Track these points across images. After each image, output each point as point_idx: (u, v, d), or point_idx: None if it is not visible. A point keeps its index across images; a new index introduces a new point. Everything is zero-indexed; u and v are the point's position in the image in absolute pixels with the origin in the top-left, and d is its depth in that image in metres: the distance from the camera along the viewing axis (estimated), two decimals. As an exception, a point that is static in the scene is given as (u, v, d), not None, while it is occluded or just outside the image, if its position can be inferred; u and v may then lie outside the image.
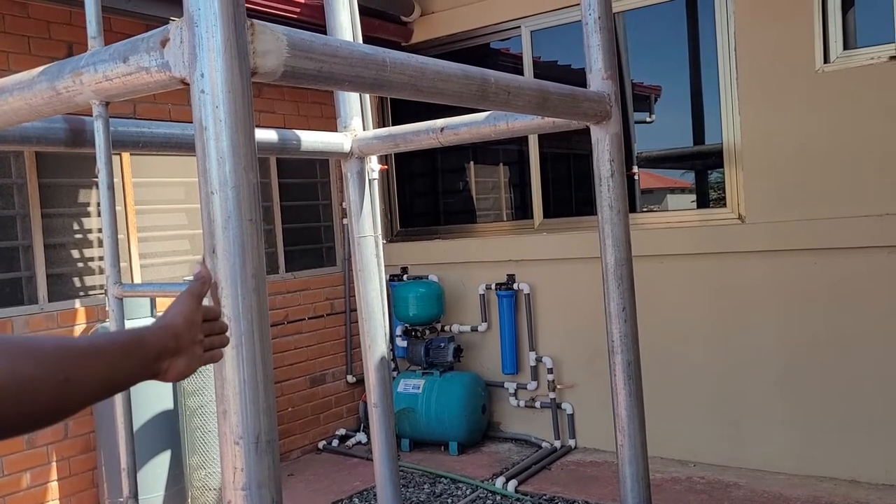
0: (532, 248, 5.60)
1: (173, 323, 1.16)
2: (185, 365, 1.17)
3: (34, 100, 1.81)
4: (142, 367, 1.10)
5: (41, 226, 4.34)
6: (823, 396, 4.56)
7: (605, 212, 2.64)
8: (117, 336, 1.11)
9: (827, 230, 4.43)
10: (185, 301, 1.21)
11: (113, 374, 1.04)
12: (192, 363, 1.18)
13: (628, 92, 5.34)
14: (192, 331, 1.18)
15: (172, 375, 1.16)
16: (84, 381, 0.99)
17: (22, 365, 0.91)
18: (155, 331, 1.14)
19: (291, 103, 5.79)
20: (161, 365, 1.13)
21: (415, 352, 5.81)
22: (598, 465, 5.15)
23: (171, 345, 1.14)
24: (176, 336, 1.15)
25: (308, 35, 1.57)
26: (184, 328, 1.16)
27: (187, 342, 1.17)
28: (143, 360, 1.10)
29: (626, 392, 2.68)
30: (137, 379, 1.10)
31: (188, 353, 1.17)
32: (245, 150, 1.41)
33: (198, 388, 4.45)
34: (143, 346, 1.10)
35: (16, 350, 0.93)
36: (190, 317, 1.18)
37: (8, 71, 4.04)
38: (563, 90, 2.35)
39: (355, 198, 3.34)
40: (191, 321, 1.18)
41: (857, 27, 4.44)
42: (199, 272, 1.30)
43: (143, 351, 1.10)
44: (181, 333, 1.16)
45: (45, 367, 0.94)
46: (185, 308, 1.19)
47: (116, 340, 1.10)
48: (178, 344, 1.15)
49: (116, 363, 1.05)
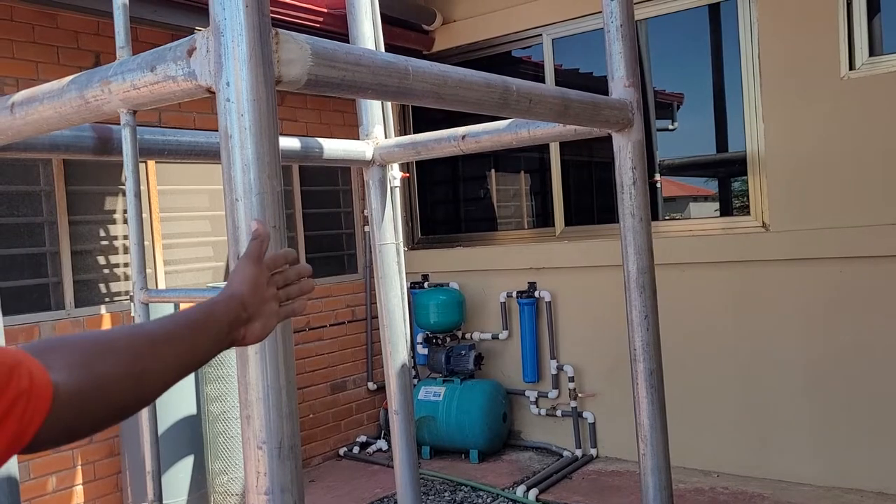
0: (553, 255, 5.58)
1: (238, 291, 1.15)
2: (261, 328, 1.16)
3: (63, 108, 1.85)
4: (216, 340, 1.10)
5: (68, 232, 4.41)
6: (849, 407, 4.50)
7: (628, 220, 2.63)
8: (188, 315, 1.09)
9: (853, 238, 4.38)
10: (244, 265, 1.19)
11: (188, 354, 1.05)
12: (268, 322, 1.17)
13: (650, 99, 5.32)
14: (258, 294, 1.16)
15: (251, 340, 1.15)
16: (160, 369, 1.00)
17: (98, 364, 0.91)
18: (222, 302, 1.13)
19: (314, 111, 5.83)
20: (236, 334, 1.13)
21: (435, 359, 5.81)
22: (619, 474, 5.11)
23: (242, 314, 1.13)
24: (243, 304, 1.14)
25: (331, 44, 1.59)
26: (249, 293, 1.15)
27: (256, 306, 1.16)
28: (216, 334, 1.10)
29: (649, 401, 2.66)
30: (214, 353, 1.10)
31: (262, 316, 1.16)
32: (269, 157, 1.42)
33: (221, 394, 4.49)
34: (215, 320, 1.10)
35: (90, 349, 0.93)
36: (253, 280, 1.17)
37: (37, 80, 4.12)
38: (584, 98, 2.35)
39: (377, 205, 3.36)
40: (254, 284, 1.16)
41: (884, 33, 4.39)
42: (256, 230, 1.27)
43: (215, 325, 1.10)
44: (248, 300, 1.15)
45: (120, 364, 0.94)
46: (246, 272, 1.18)
47: (187, 321, 1.08)
48: (248, 311, 1.14)
49: (190, 344, 1.05)
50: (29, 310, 4.22)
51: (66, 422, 0.86)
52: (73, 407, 0.86)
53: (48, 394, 0.83)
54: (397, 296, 3.39)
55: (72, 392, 0.86)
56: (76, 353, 0.91)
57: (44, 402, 0.82)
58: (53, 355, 0.88)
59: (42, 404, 0.82)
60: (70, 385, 0.86)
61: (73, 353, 0.90)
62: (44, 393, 0.82)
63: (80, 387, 0.88)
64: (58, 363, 0.87)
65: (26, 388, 0.80)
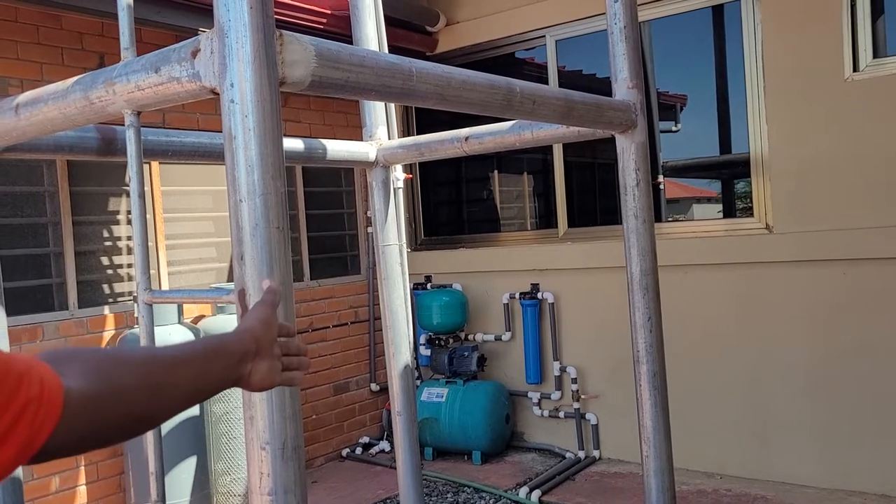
0: (556, 257, 5.58)
1: (251, 326, 1.17)
2: (266, 369, 1.17)
3: (68, 109, 1.85)
4: (226, 371, 1.11)
5: (72, 233, 4.42)
6: (853, 409, 4.49)
7: (631, 221, 2.63)
8: (202, 342, 1.13)
9: (857, 240, 4.37)
10: (259, 308, 1.22)
11: (200, 380, 1.06)
12: (272, 372, 1.19)
13: (654, 101, 5.32)
14: (270, 333, 1.19)
15: (256, 380, 1.16)
16: (174, 389, 1.01)
17: (116, 376, 0.92)
18: (235, 335, 1.16)
19: (317, 112, 5.83)
20: (244, 368, 1.14)
21: (438, 360, 5.81)
22: (622, 476, 5.11)
23: (252, 347, 1.15)
24: (255, 339, 1.16)
25: (335, 45, 1.59)
26: (262, 330, 1.17)
27: (267, 345, 1.18)
28: (226, 365, 1.11)
29: (652, 403, 2.66)
30: (223, 384, 1.12)
31: (269, 358, 1.18)
32: (273, 158, 1.42)
33: (223, 394, 4.49)
34: (226, 350, 1.12)
35: (107, 361, 0.94)
36: (267, 319, 1.20)
37: (41, 81, 4.13)
38: (588, 99, 2.35)
39: (380, 206, 3.36)
40: (267, 324, 1.19)
41: (888, 35, 4.38)
42: (270, 286, 1.32)
43: (225, 355, 1.11)
44: (260, 336, 1.17)
45: (136, 377, 0.95)
46: (260, 313, 1.21)
47: (202, 347, 1.11)
48: (259, 346, 1.16)
49: (203, 370, 1.07)
50: (32, 310, 4.22)
51: (79, 430, 0.85)
52: (85, 414, 0.86)
53: (59, 400, 0.82)
54: (400, 297, 3.39)
55: (85, 398, 0.86)
56: (91, 361, 0.91)
57: (55, 409, 0.81)
58: (67, 363, 0.88)
59: (53, 411, 0.81)
60: (83, 391, 0.86)
61: (87, 362, 0.91)
62: (55, 399, 0.82)
63: (94, 393, 0.87)
64: (71, 370, 0.86)
65: (37, 395, 0.79)
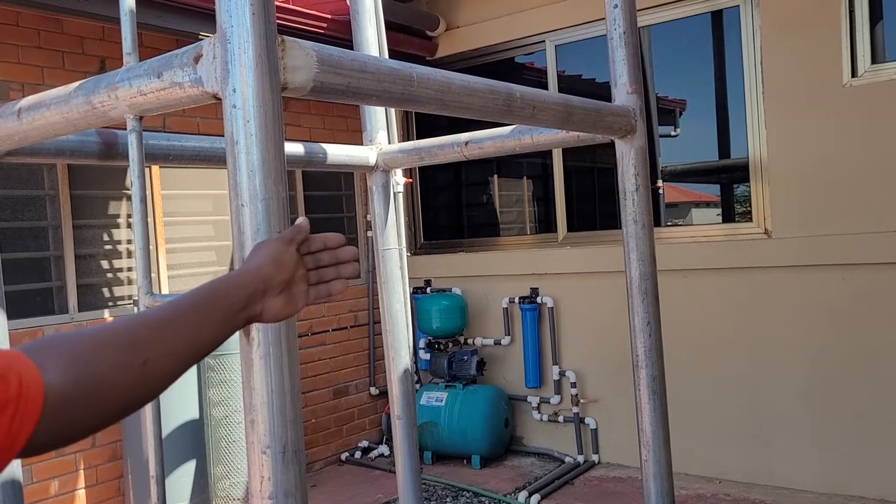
0: (556, 261, 5.59)
1: (258, 265, 1.11)
2: (282, 304, 1.11)
3: (70, 114, 1.86)
4: (229, 318, 1.04)
5: (72, 237, 4.42)
6: (852, 413, 4.49)
7: (630, 226, 2.64)
8: (196, 295, 1.03)
9: (855, 245, 4.38)
10: (273, 243, 1.15)
11: (197, 339, 0.99)
12: (292, 302, 1.13)
13: (653, 106, 5.33)
14: (282, 271, 1.12)
15: (270, 316, 1.10)
16: (166, 356, 0.94)
17: (95, 361, 0.86)
18: (237, 276, 1.08)
19: (317, 117, 5.85)
20: (252, 310, 1.08)
21: (438, 365, 5.81)
22: (621, 480, 5.11)
23: (259, 287, 1.08)
24: (262, 278, 1.09)
25: (337, 51, 1.60)
26: (271, 268, 1.11)
27: (279, 281, 1.11)
28: (228, 313, 1.04)
29: (651, 407, 2.66)
30: (228, 333, 1.04)
31: (285, 293, 1.12)
32: (275, 163, 1.43)
33: (223, 398, 4.50)
34: (227, 296, 1.05)
35: (86, 345, 0.88)
36: (278, 257, 1.13)
37: (42, 85, 4.14)
38: (587, 104, 2.36)
39: (380, 210, 3.37)
40: (278, 261, 1.12)
41: (886, 41, 4.40)
42: (300, 221, 1.24)
43: (227, 302, 1.04)
44: (267, 275, 1.10)
45: (120, 357, 0.89)
46: (272, 249, 1.14)
47: (192, 301, 1.02)
48: (267, 285, 1.10)
49: (199, 326, 0.99)
50: (33, 313, 4.23)
51: (61, 424, 0.81)
52: (66, 409, 0.81)
53: (39, 398, 0.78)
54: (400, 301, 3.40)
55: (65, 393, 0.81)
56: (71, 351, 0.85)
57: (34, 407, 0.77)
58: (47, 354, 0.83)
59: (32, 409, 0.77)
60: (63, 386, 0.81)
61: (68, 352, 0.85)
62: (34, 397, 0.78)
63: (73, 387, 0.82)
64: (51, 363, 0.81)
65: (14, 395, 0.76)
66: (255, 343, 1.42)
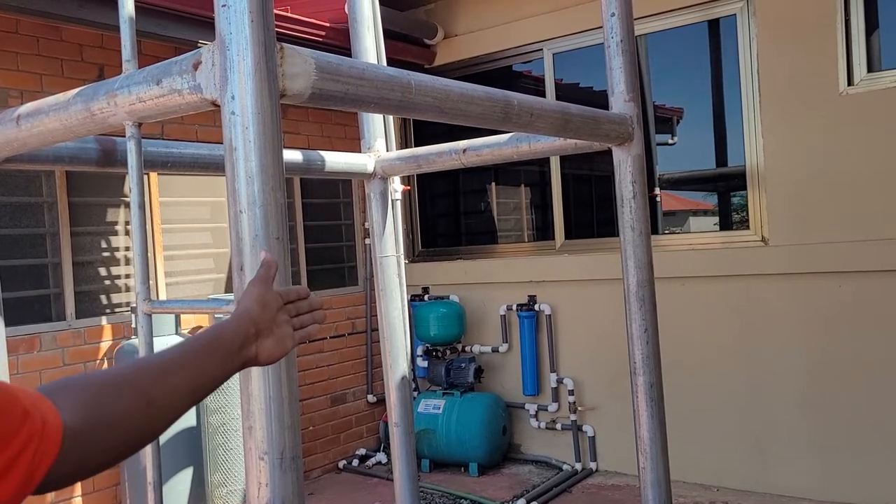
0: (553, 269, 5.59)
1: (247, 308, 1.17)
2: (274, 344, 1.17)
3: (69, 120, 1.86)
4: (227, 361, 1.11)
5: (70, 244, 4.42)
6: (849, 421, 4.49)
7: (628, 233, 2.65)
8: (195, 340, 1.11)
9: (852, 253, 4.39)
10: (254, 287, 1.21)
11: (197, 380, 1.05)
12: (282, 342, 1.19)
13: (650, 114, 5.35)
14: (268, 311, 1.18)
15: (265, 358, 1.16)
16: (168, 397, 1.00)
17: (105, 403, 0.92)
18: (230, 322, 1.15)
19: (315, 124, 5.86)
20: (248, 352, 1.14)
21: (435, 372, 5.81)
22: (619, 488, 5.10)
23: (251, 329, 1.14)
24: (253, 320, 1.15)
25: (335, 58, 1.61)
26: (259, 310, 1.17)
27: (267, 323, 1.17)
28: (225, 357, 1.10)
29: (649, 414, 2.66)
30: (227, 374, 1.11)
31: (274, 334, 1.18)
32: (273, 170, 1.44)
33: (220, 406, 4.49)
34: (223, 340, 1.11)
35: (97, 387, 0.94)
36: (262, 299, 1.19)
37: (41, 92, 4.15)
38: (585, 112, 2.37)
39: (378, 218, 3.38)
40: (264, 303, 1.18)
41: (882, 50, 4.42)
42: (265, 258, 1.30)
43: (223, 345, 1.11)
44: (257, 317, 1.16)
45: (129, 399, 0.95)
46: (255, 292, 1.19)
47: (193, 346, 1.09)
48: (258, 327, 1.15)
49: (199, 369, 1.06)
50: (30, 321, 4.22)
51: (74, 462, 0.87)
52: (81, 446, 0.87)
53: (58, 435, 0.84)
54: (398, 308, 3.40)
55: (80, 432, 0.87)
56: (83, 393, 0.92)
57: (53, 444, 0.83)
58: (63, 396, 0.89)
59: (52, 446, 0.83)
60: (78, 425, 0.87)
61: (80, 394, 0.91)
62: (54, 435, 0.83)
63: (87, 426, 0.88)
64: (68, 404, 0.88)
65: (38, 431, 0.81)
66: (253, 349, 1.42)
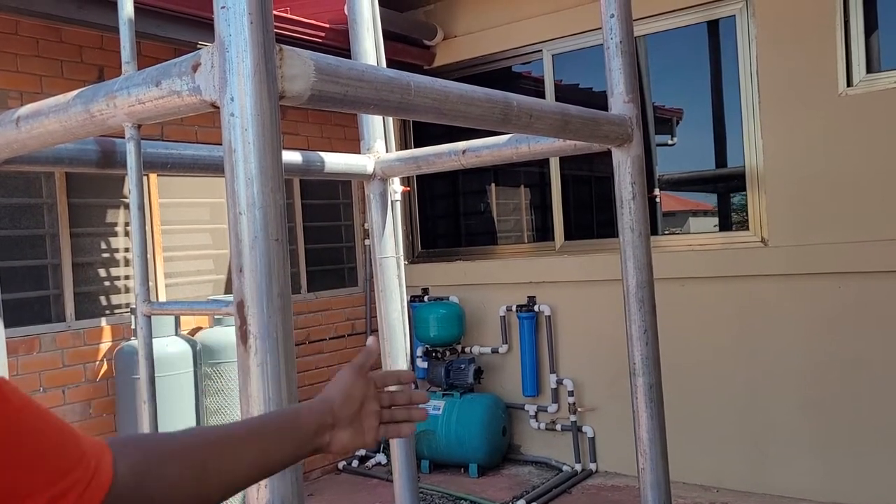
0: (553, 270, 5.59)
1: (329, 397, 1.16)
2: (350, 438, 1.16)
3: (69, 122, 1.86)
4: (299, 444, 1.10)
5: (70, 245, 4.42)
6: (850, 422, 4.49)
7: (627, 234, 2.64)
8: (270, 418, 1.11)
9: (851, 253, 4.39)
10: (345, 374, 1.20)
11: (261, 459, 1.04)
12: (360, 436, 1.17)
13: (650, 115, 5.35)
14: (351, 404, 1.17)
15: (337, 448, 1.15)
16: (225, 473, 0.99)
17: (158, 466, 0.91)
18: (311, 406, 1.14)
19: (315, 125, 5.86)
20: (321, 440, 1.13)
21: (435, 373, 5.80)
22: (619, 489, 5.10)
23: (328, 420, 1.13)
24: (332, 411, 1.14)
25: (334, 60, 1.61)
26: (341, 401, 1.15)
27: (346, 415, 1.16)
28: (299, 439, 1.10)
29: (648, 415, 2.66)
30: (295, 459, 1.10)
31: (353, 426, 1.16)
32: (272, 171, 1.44)
33: (220, 407, 4.49)
34: (299, 424, 1.10)
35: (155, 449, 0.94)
36: (348, 389, 1.17)
37: (41, 93, 4.15)
38: (584, 113, 2.37)
39: (377, 219, 3.37)
40: (348, 393, 1.17)
41: (881, 50, 4.43)
42: (370, 344, 1.28)
43: (299, 429, 1.10)
44: (337, 408, 1.15)
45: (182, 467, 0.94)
46: (343, 381, 1.18)
47: (267, 424, 1.10)
48: (335, 418, 1.14)
49: (265, 448, 1.04)
50: (30, 322, 4.22)
51: None
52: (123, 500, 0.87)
53: (107, 485, 0.84)
54: (397, 309, 3.40)
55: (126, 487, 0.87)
56: (145, 451, 0.92)
57: (100, 491, 0.83)
58: (126, 448, 0.89)
59: (98, 493, 0.83)
60: (127, 483, 0.87)
61: (142, 451, 0.91)
62: (100, 488, 0.83)
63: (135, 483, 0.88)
64: (128, 457, 0.88)
65: (89, 476, 0.82)
66: (253, 351, 1.42)
